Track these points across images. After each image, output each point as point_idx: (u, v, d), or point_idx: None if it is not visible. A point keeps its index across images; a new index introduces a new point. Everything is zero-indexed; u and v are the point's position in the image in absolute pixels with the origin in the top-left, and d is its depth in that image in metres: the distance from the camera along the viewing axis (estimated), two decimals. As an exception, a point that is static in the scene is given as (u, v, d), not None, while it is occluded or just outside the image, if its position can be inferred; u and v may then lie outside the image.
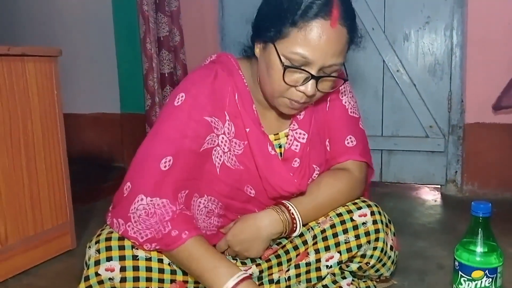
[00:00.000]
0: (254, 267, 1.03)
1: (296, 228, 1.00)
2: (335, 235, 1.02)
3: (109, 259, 0.88)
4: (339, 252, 1.02)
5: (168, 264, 0.92)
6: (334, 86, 0.94)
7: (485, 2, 2.05)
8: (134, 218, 0.87)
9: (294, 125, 1.03)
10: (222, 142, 0.97)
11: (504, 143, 2.10)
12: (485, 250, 0.88)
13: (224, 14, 2.57)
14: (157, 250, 0.90)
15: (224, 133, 0.97)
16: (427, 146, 2.27)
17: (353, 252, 1.02)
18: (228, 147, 0.97)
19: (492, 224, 0.89)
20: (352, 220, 1.02)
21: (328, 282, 1.05)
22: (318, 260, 1.03)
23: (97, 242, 0.90)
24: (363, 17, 2.25)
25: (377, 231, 1.01)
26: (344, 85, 1.06)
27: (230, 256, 1.03)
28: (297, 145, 1.02)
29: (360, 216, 1.02)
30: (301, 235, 1.04)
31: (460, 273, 0.91)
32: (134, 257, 0.89)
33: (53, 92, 1.53)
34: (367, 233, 1.01)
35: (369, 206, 1.03)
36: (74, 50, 2.83)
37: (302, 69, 0.86)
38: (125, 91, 2.88)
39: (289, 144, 1.02)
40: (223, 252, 1.02)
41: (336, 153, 1.06)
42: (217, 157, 0.97)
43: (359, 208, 1.03)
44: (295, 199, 1.01)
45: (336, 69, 0.89)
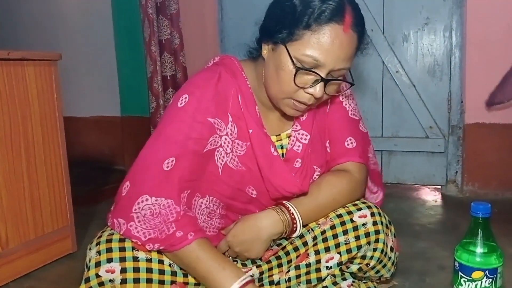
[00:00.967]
0: (255, 268, 1.03)
1: (296, 229, 1.00)
2: (335, 236, 1.02)
3: (110, 261, 0.88)
4: (339, 253, 1.02)
5: (169, 265, 0.92)
6: (339, 90, 0.96)
7: (484, 3, 2.06)
8: (138, 218, 0.87)
9: (297, 126, 1.03)
10: (225, 143, 0.97)
11: (504, 144, 2.10)
12: (485, 251, 0.88)
13: (224, 17, 2.58)
14: (159, 251, 0.90)
15: (227, 134, 0.97)
16: (427, 147, 2.27)
17: (353, 253, 1.02)
18: (231, 148, 0.98)
19: (493, 225, 0.90)
20: (352, 221, 1.02)
21: (329, 284, 1.05)
22: (318, 261, 1.03)
23: (98, 244, 0.90)
24: (362, 19, 2.25)
25: (377, 232, 1.01)
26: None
27: (231, 257, 1.03)
28: (299, 146, 1.02)
29: (360, 217, 1.02)
30: (301, 236, 1.04)
31: (460, 274, 0.91)
32: (135, 259, 0.89)
33: (53, 96, 1.53)
34: (367, 234, 1.01)
35: (369, 207, 1.03)
36: (75, 53, 2.84)
37: (313, 72, 0.87)
38: (126, 94, 2.89)
39: (291, 145, 1.03)
40: (224, 253, 1.02)
41: (336, 155, 1.07)
42: (220, 158, 0.97)
43: (359, 209, 1.03)
44: (296, 200, 1.01)
45: (343, 73, 0.92)
